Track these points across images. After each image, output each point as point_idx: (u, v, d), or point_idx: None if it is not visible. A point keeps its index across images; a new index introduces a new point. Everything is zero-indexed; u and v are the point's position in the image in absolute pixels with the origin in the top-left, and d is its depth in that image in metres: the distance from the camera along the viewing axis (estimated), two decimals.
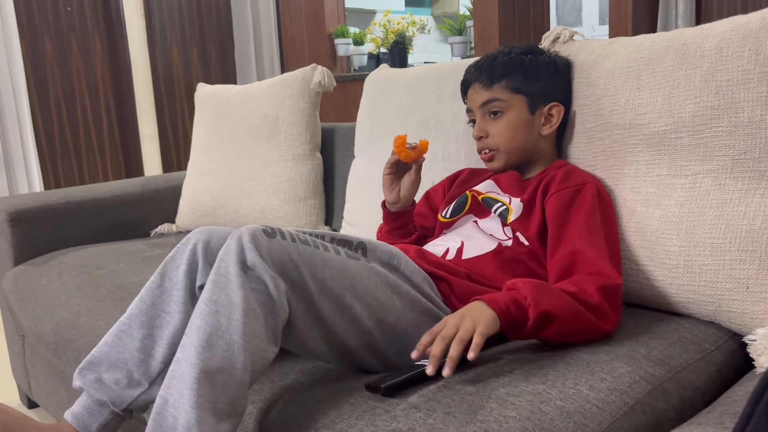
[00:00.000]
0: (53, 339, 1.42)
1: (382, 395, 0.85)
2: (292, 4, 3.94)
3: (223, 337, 0.80)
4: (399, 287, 0.96)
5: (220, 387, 0.79)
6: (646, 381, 0.88)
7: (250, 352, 0.81)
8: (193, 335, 0.81)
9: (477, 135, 1.23)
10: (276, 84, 1.90)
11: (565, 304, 0.93)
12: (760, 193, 0.99)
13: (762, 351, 0.95)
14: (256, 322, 0.82)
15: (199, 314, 0.82)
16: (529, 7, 3.19)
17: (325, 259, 0.89)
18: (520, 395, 0.82)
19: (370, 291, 0.92)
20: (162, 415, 0.80)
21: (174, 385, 0.80)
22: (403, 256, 1.01)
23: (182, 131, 3.87)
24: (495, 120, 1.21)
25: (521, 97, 1.20)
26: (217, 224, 1.92)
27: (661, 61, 1.09)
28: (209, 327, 0.81)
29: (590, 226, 1.05)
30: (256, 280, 0.82)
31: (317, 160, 1.88)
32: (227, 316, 0.81)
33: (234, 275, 0.82)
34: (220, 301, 0.82)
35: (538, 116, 1.21)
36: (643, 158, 1.12)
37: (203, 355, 0.79)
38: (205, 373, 0.79)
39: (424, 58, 4.83)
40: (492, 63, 1.22)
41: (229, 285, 0.82)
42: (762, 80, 0.98)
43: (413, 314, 0.96)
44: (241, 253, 0.83)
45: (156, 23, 3.70)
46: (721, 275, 1.01)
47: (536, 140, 1.22)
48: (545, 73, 1.21)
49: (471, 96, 1.25)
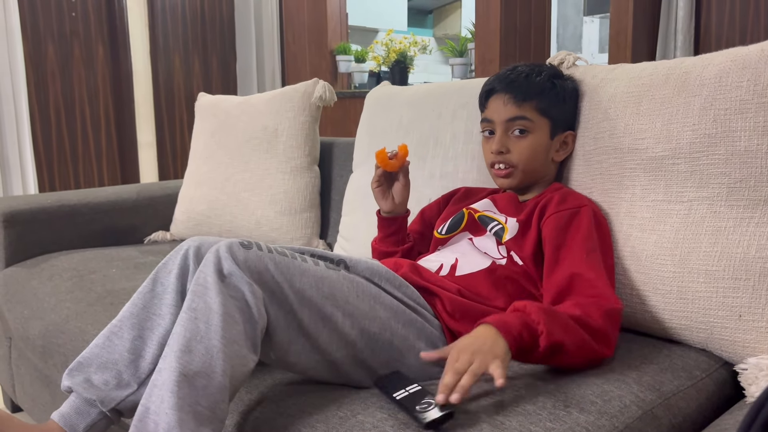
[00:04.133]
0: (41, 342, 1.41)
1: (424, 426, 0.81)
2: (295, 19, 3.97)
3: (201, 342, 0.82)
4: (381, 297, 0.96)
5: (200, 390, 0.80)
6: (636, 406, 0.88)
7: (229, 356, 0.82)
8: (173, 342, 0.83)
9: (497, 149, 1.20)
10: (277, 96, 1.91)
11: (575, 335, 0.91)
12: (754, 222, 1.00)
13: (753, 380, 0.95)
14: (234, 327, 0.83)
15: (179, 323, 0.84)
16: (530, 32, 3.22)
17: (303, 269, 0.90)
18: (510, 415, 0.82)
19: (350, 300, 0.93)
20: (143, 422, 0.80)
21: (155, 393, 0.81)
22: (385, 271, 1.01)
23: (180, 141, 3.87)
24: (519, 138, 1.20)
25: (546, 120, 1.20)
26: (212, 234, 1.92)
27: (662, 87, 1.10)
28: (188, 333, 0.82)
29: (588, 247, 1.05)
30: (233, 288, 0.85)
31: (315, 174, 1.88)
32: (206, 321, 0.83)
33: (212, 283, 0.84)
34: (198, 308, 0.84)
35: (555, 142, 1.22)
36: (640, 183, 1.12)
37: (182, 359, 0.81)
38: (185, 376, 0.80)
39: (424, 78, 4.87)
40: (525, 80, 1.20)
41: (207, 293, 0.84)
42: (760, 110, 0.99)
43: (398, 325, 0.96)
44: (218, 263, 0.86)
45: (159, 32, 3.72)
46: (714, 303, 1.02)
47: (548, 164, 1.23)
48: (569, 100, 1.22)
49: (496, 107, 1.21)
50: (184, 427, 0.78)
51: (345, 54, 3.85)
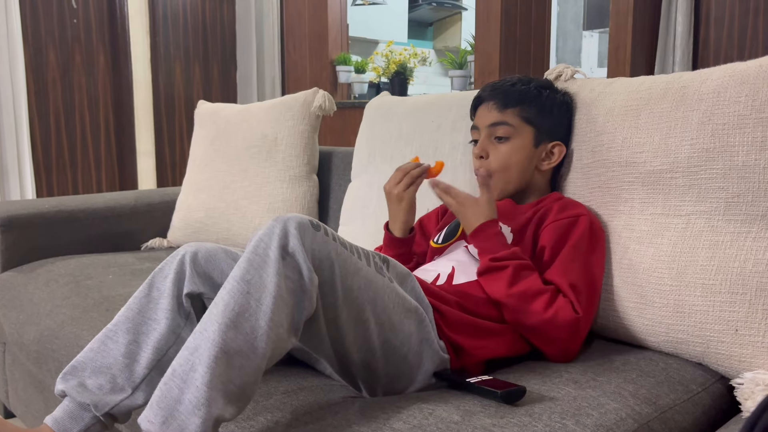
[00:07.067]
0: (35, 348, 1.40)
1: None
2: (296, 29, 3.98)
3: (249, 320, 0.78)
4: (412, 312, 0.95)
5: (236, 370, 0.78)
6: (632, 419, 0.88)
7: (272, 340, 0.80)
8: (219, 311, 0.78)
9: (478, 154, 1.23)
10: (277, 105, 1.91)
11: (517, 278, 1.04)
12: (752, 236, 1.00)
13: (749, 395, 0.95)
14: (283, 311, 0.81)
15: (229, 290, 0.80)
16: (530, 46, 3.23)
17: (358, 267, 0.88)
18: (505, 426, 0.81)
19: (387, 310, 0.92)
20: (168, 385, 0.78)
21: (186, 356, 0.78)
22: (412, 280, 1.01)
23: (179, 149, 3.87)
24: (499, 144, 1.22)
25: (530, 128, 1.21)
26: (209, 241, 1.91)
27: (660, 101, 1.11)
28: (238, 307, 0.78)
29: (571, 257, 1.08)
30: (292, 268, 0.81)
31: (313, 183, 1.88)
32: (257, 299, 0.79)
33: (273, 259, 0.80)
34: (253, 282, 0.80)
35: (540, 150, 1.22)
36: (638, 196, 1.12)
37: (227, 335, 0.77)
38: (225, 353, 0.77)
39: (424, 89, 4.87)
40: (510, 88, 1.23)
41: (265, 268, 0.80)
42: (757, 125, 0.99)
43: (417, 340, 0.96)
44: (284, 237, 0.81)
45: (160, 39, 3.73)
46: (711, 317, 1.02)
47: (532, 173, 1.23)
48: (558, 112, 1.23)
49: (481, 113, 1.25)
50: (213, 406, 0.75)
51: (345, 64, 3.86)
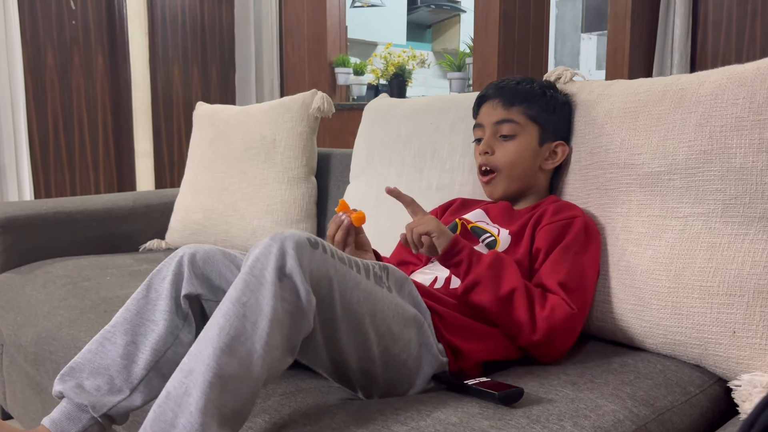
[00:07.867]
0: (33, 349, 1.40)
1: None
2: (295, 31, 3.99)
3: (244, 344, 0.77)
4: (411, 320, 0.95)
5: (230, 393, 0.77)
6: (630, 421, 0.88)
7: (267, 363, 0.79)
8: (214, 335, 0.77)
9: (483, 150, 1.23)
10: (276, 107, 1.91)
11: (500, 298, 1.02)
12: (749, 238, 1.00)
13: (747, 397, 0.95)
14: (280, 333, 0.79)
15: (224, 313, 0.78)
16: (528, 48, 3.24)
17: (357, 281, 0.87)
18: (503, 428, 0.81)
19: (387, 321, 0.91)
20: (162, 408, 0.77)
21: (180, 380, 0.77)
22: (411, 284, 1.01)
23: (177, 150, 3.87)
24: (506, 141, 1.23)
25: (535, 126, 1.22)
26: (207, 243, 1.91)
27: (658, 104, 1.11)
28: (233, 330, 0.77)
29: (561, 257, 1.09)
30: (289, 290, 0.80)
31: (312, 184, 1.88)
32: (253, 322, 0.78)
33: (269, 281, 0.79)
34: (249, 304, 0.78)
35: (544, 149, 1.23)
36: (636, 198, 1.13)
37: (221, 360, 0.76)
38: (220, 378, 0.76)
39: (422, 91, 4.88)
40: (515, 86, 1.24)
41: (261, 290, 0.79)
42: (755, 127, 0.99)
43: (416, 346, 0.96)
44: (281, 258, 0.80)
45: (159, 41, 3.73)
46: (709, 318, 1.02)
47: (536, 172, 1.24)
48: (561, 111, 1.24)
49: (486, 111, 1.26)
50: (207, 429, 0.74)
51: (344, 66, 3.87)
